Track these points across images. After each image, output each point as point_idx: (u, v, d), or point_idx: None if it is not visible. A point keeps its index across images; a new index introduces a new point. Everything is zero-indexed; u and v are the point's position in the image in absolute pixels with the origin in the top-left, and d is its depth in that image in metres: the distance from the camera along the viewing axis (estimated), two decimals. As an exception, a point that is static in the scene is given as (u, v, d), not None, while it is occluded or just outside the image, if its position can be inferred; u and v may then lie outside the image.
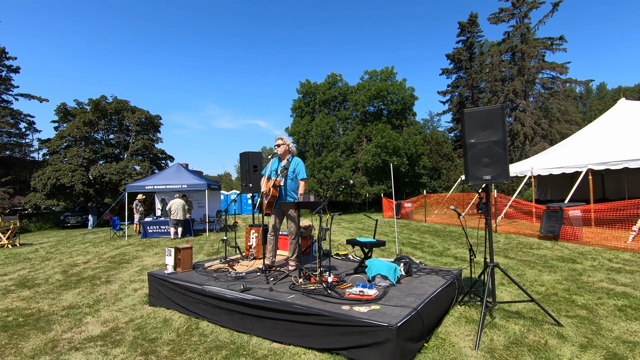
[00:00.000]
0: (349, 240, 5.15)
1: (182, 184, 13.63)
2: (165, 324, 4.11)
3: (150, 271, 5.10)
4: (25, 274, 7.38)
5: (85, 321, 4.32)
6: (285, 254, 5.56)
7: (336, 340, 3.13)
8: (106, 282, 6.35)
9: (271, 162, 5.07)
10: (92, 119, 23.43)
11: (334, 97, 26.62)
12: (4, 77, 23.93)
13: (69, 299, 5.35)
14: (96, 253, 9.91)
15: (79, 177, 21.38)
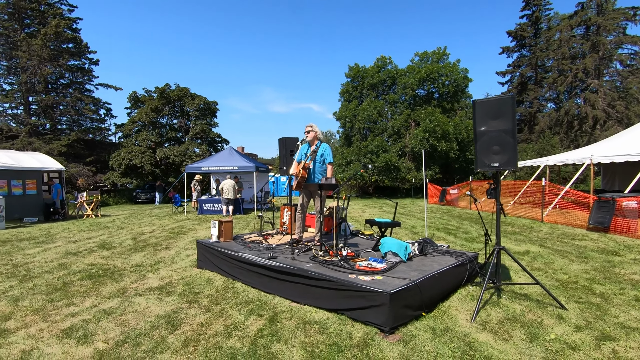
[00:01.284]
0: (368, 220, 5.56)
1: (233, 166, 14.79)
2: (207, 282, 4.93)
3: (200, 240, 5.99)
4: (105, 238, 8.85)
5: (147, 276, 5.31)
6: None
7: (342, 302, 3.64)
8: (165, 248, 7.48)
9: (301, 147, 5.59)
10: (158, 105, 25.82)
11: (383, 80, 26.27)
12: (87, 69, 27.16)
13: (136, 259, 6.47)
14: (160, 225, 11.38)
15: (147, 158, 23.90)
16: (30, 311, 3.94)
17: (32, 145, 21.40)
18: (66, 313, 3.87)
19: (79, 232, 10.00)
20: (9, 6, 23.75)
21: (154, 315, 3.75)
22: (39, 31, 23.31)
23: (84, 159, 24.58)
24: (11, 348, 3.08)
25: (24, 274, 5.54)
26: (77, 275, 5.41)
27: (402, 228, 9.83)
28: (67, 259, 6.51)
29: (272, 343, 3.10)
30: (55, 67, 24.12)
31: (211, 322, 3.56)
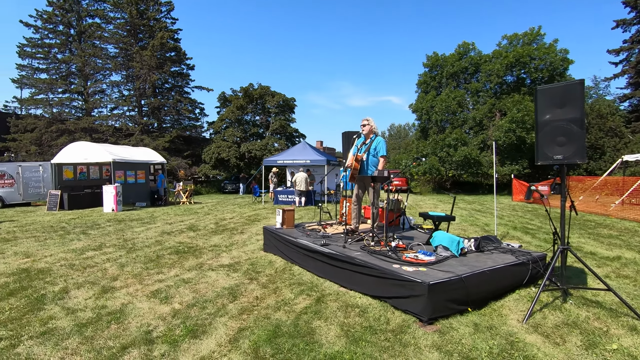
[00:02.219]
0: (422, 213, 5.49)
1: (306, 159, 15.51)
2: (269, 264, 5.45)
3: (265, 226, 6.60)
4: (193, 222, 10.18)
5: (221, 255, 6.07)
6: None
7: (384, 290, 3.77)
8: (240, 232, 8.34)
9: (357, 140, 5.75)
10: (242, 103, 28.13)
11: (464, 68, 24.58)
12: (185, 74, 30.84)
13: (215, 240, 7.38)
14: (239, 213, 12.59)
15: (233, 152, 26.29)
16: (130, 275, 4.90)
17: (143, 142, 25.20)
18: (155, 279, 4.72)
19: (175, 216, 11.65)
20: (126, 24, 28.16)
21: (220, 287, 4.36)
22: (149, 43, 27.17)
23: (183, 153, 28.06)
24: (115, 300, 3.93)
25: (131, 246, 6.79)
26: (168, 250, 6.44)
27: (472, 225, 9.31)
28: (162, 237, 7.74)
29: (314, 319, 3.40)
30: (160, 74, 27.90)
31: (265, 297, 4.01)
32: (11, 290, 4.28)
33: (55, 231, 8.61)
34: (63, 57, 27.69)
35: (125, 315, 3.52)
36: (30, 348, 2.88)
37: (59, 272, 5.07)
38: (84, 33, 28.15)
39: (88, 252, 6.34)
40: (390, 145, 60.81)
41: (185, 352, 2.81)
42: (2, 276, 4.86)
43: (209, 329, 3.22)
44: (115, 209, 13.17)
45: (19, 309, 3.69)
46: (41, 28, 27.17)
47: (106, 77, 28.79)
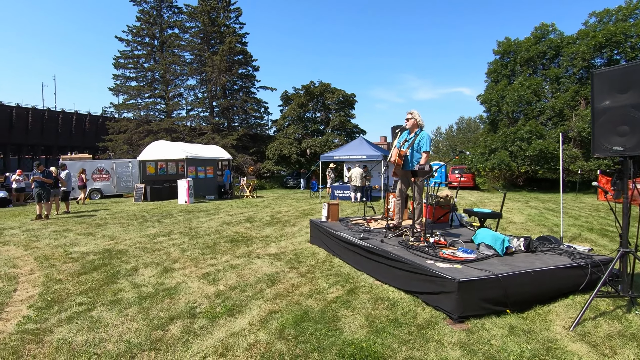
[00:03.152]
0: (466, 209, 5.21)
1: (362, 155, 15.49)
2: (312, 255, 5.67)
3: (312, 219, 6.84)
4: (252, 214, 10.87)
5: (270, 245, 6.46)
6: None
7: (416, 285, 3.72)
8: (292, 225, 8.72)
9: (400, 134, 5.65)
10: (303, 101, 28.92)
11: (542, 53, 22.17)
12: (251, 75, 32.62)
13: (267, 231, 7.84)
14: (295, 207, 13.09)
15: (294, 149, 27.22)
16: (189, 259, 5.49)
17: (214, 140, 27.33)
18: (208, 263, 5.23)
19: (237, 208, 12.54)
20: (200, 32, 30.69)
21: (262, 273, 4.68)
22: (219, 49, 29.28)
23: (249, 150, 29.80)
24: (172, 279, 4.47)
25: (194, 234, 7.54)
26: (224, 239, 7.02)
27: (538, 224, 8.52)
28: (222, 227, 8.44)
29: (341, 308, 3.51)
30: (229, 77, 29.91)
31: (301, 285, 4.22)
32: (95, 266, 5.10)
33: (137, 219, 9.88)
34: (149, 65, 31.17)
35: (177, 292, 3.99)
36: (100, 313, 3.45)
37: (133, 253, 5.87)
38: (165, 43, 31.34)
39: (159, 237, 7.21)
40: (458, 140, 57.38)
41: (220, 328, 3.12)
42: (91, 254, 5.80)
43: (244, 309, 3.52)
44: (187, 201, 14.59)
45: (98, 282, 4.40)
46: (131, 41, 30.89)
47: (183, 82, 31.75)
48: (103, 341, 2.88)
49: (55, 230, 8.18)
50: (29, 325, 3.19)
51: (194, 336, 2.97)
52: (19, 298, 3.87)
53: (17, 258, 5.61)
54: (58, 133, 48.93)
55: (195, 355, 2.67)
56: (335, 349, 2.73)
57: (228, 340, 2.89)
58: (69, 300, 3.79)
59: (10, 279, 4.54)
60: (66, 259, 5.49)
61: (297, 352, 2.70)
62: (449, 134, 63.43)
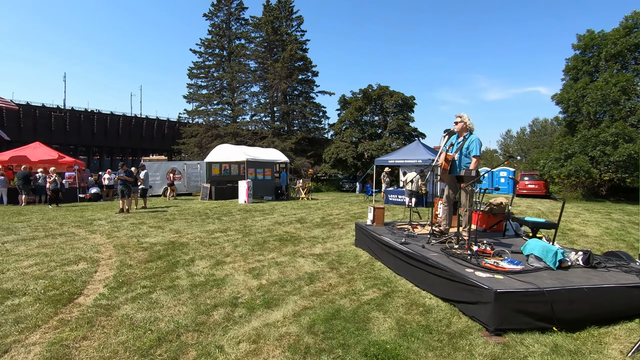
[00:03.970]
0: (516, 218, 4.86)
1: (417, 159, 15.07)
2: (354, 257, 5.74)
3: (357, 222, 6.90)
4: (303, 215, 11.22)
5: (316, 246, 6.66)
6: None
7: (454, 293, 3.62)
8: (340, 227, 8.85)
9: (448, 137, 5.48)
10: (361, 105, 28.92)
11: (634, 45, 19.51)
12: (310, 80, 33.51)
13: (315, 232, 8.06)
14: (347, 210, 13.19)
15: (350, 152, 27.33)
16: (239, 254, 5.91)
17: (274, 143, 28.58)
18: (256, 259, 5.58)
19: (290, 209, 13.02)
20: (264, 41, 32.37)
21: (303, 272, 4.89)
22: (281, 56, 30.60)
23: (307, 153, 30.60)
24: (221, 272, 4.87)
25: (247, 232, 8.05)
26: (274, 237, 7.40)
27: (616, 239, 7.57)
28: (273, 226, 8.87)
29: (373, 310, 3.55)
30: (290, 83, 31.07)
31: (338, 285, 4.34)
32: (160, 255, 5.75)
33: (200, 216, 10.79)
34: (218, 75, 33.66)
35: (224, 283, 4.36)
36: (158, 296, 3.92)
37: (193, 246, 6.48)
38: (232, 53, 33.62)
39: (216, 233, 7.83)
40: (531, 144, 52.59)
41: (257, 318, 3.37)
42: (158, 245, 6.53)
43: (281, 303, 3.73)
44: (246, 201, 15.50)
45: (160, 269, 4.97)
46: (203, 53, 33.66)
47: (248, 89, 33.71)
48: (157, 320, 3.30)
49: (132, 222, 9.30)
50: (103, 301, 3.75)
51: (232, 323, 3.25)
52: (98, 278, 4.55)
53: (100, 245, 6.53)
54: (142, 137, 55.06)
55: (231, 340, 2.93)
56: (360, 347, 2.80)
57: (262, 330, 3.11)
58: (135, 283, 4.35)
59: (93, 262, 5.33)
60: (138, 248, 6.26)
61: (322, 346, 2.83)
62: (520, 138, 58.52)
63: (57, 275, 4.62)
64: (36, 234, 7.51)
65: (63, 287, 4.15)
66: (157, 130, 55.67)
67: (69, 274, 4.68)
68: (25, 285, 4.19)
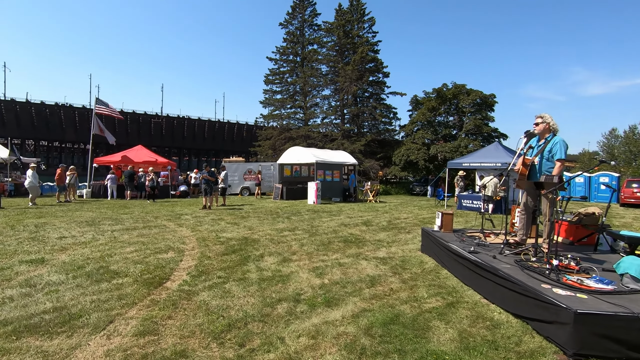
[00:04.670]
0: (610, 231, 4.22)
1: (496, 162, 13.94)
2: (419, 263, 5.58)
3: (423, 227, 6.68)
4: (370, 218, 11.18)
5: (380, 249, 6.62)
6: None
7: (527, 310, 3.34)
8: (407, 232, 8.64)
9: (527, 140, 5.02)
10: (434, 105, 27.71)
11: None
12: (381, 82, 33.12)
13: (381, 236, 8.00)
14: (416, 214, 12.78)
15: (422, 154, 26.33)
16: (305, 253, 6.16)
17: (343, 145, 28.86)
18: (320, 259, 5.77)
19: (357, 212, 13.06)
20: (335, 45, 32.93)
21: (365, 274, 4.92)
22: (351, 59, 30.82)
23: (376, 155, 30.30)
24: (287, 268, 5.15)
25: (314, 232, 8.32)
26: (339, 238, 7.53)
27: None
28: (339, 228, 9.02)
29: (434, 319, 3.45)
30: (360, 85, 31.10)
31: (399, 290, 4.28)
32: (234, 250, 6.27)
33: (271, 214, 11.44)
34: (291, 80, 35.20)
35: (289, 280, 4.61)
36: (230, 286, 4.31)
37: (263, 242, 6.94)
38: (305, 58, 34.85)
39: (285, 232, 8.24)
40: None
41: (317, 315, 3.52)
42: (233, 240, 7.12)
43: (341, 303, 3.83)
44: (315, 202, 15.95)
45: (234, 262, 5.43)
46: (279, 60, 35.48)
47: (319, 93, 34.61)
48: (228, 307, 3.64)
49: (213, 218, 10.26)
50: (185, 287, 4.25)
51: (294, 317, 3.45)
52: (182, 266, 5.16)
53: (186, 237, 7.35)
54: (224, 140, 60.05)
55: (292, 333, 3.11)
56: (417, 355, 2.76)
57: (320, 327, 3.24)
58: (212, 273, 4.83)
59: (179, 252, 6.04)
60: (216, 242, 6.91)
61: (378, 349, 2.85)
62: (629, 137, 50.16)
63: (151, 261, 5.35)
64: (136, 225, 8.73)
65: (155, 272, 4.80)
66: (237, 134, 60.22)
67: (160, 261, 5.38)
68: (127, 268, 4.94)
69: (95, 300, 3.75)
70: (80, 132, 46.72)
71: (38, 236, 7.02)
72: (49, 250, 5.91)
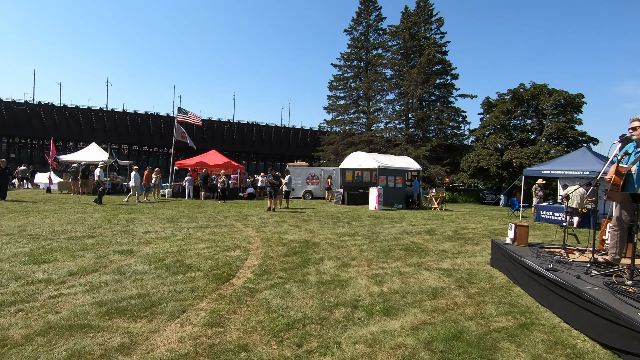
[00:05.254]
0: None
1: (583, 170, 12.40)
2: (488, 278, 5.19)
3: (493, 239, 6.20)
4: (434, 227, 10.68)
5: (444, 260, 6.30)
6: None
7: (618, 340, 2.92)
8: (475, 243, 8.09)
9: (623, 146, 4.38)
10: (509, 107, 25.59)
11: None
12: (449, 84, 31.56)
13: (445, 246, 7.60)
14: (485, 225, 11.90)
15: (494, 160, 24.46)
16: (364, 259, 6.11)
17: (407, 151, 28.04)
18: (380, 266, 5.67)
19: (421, 219, 12.58)
20: (401, 49, 32.26)
21: (427, 285, 4.72)
22: (417, 62, 29.91)
23: (442, 161, 28.90)
24: (346, 273, 5.16)
25: (374, 238, 8.21)
26: (400, 246, 7.33)
27: None
28: (401, 235, 8.77)
29: (504, 340, 3.18)
30: (426, 88, 30.01)
31: (464, 305, 4.03)
32: (295, 252, 6.46)
33: (332, 219, 11.55)
34: (355, 85, 35.28)
35: (347, 285, 4.61)
36: (291, 287, 4.45)
37: (323, 246, 7.04)
38: (369, 63, 34.72)
39: (345, 236, 8.26)
40: None
41: (375, 323, 3.46)
42: (294, 242, 7.33)
43: (400, 313, 3.72)
44: (376, 208, 15.73)
45: (294, 264, 5.60)
46: (343, 66, 35.86)
47: (383, 97, 34.16)
48: (288, 307, 3.76)
49: (276, 220, 10.68)
50: (249, 284, 4.49)
51: (351, 323, 3.44)
52: (247, 265, 5.46)
53: (251, 237, 7.77)
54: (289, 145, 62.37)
55: (349, 339, 3.11)
56: (482, 376, 2.57)
57: (378, 335, 3.19)
58: (274, 273, 5.04)
59: (245, 251, 6.40)
60: (279, 243, 7.19)
61: (439, 365, 2.72)
62: None
63: (220, 258, 5.75)
64: (208, 224, 9.46)
65: (223, 268, 5.15)
66: (301, 139, 62.11)
67: (228, 258, 5.76)
68: (199, 263, 5.37)
69: (172, 290, 4.14)
70: (165, 138, 52.09)
71: (128, 230, 7.98)
72: (136, 242, 6.68)
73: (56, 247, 5.99)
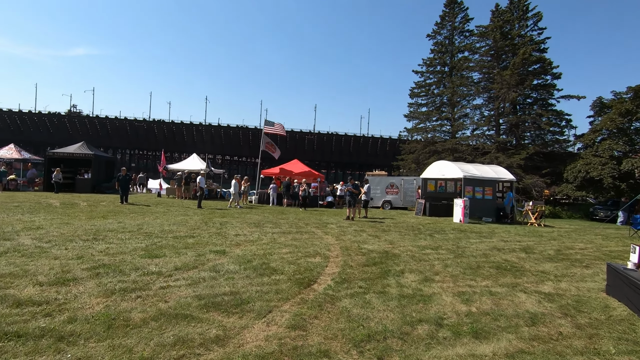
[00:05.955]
0: None
1: None
2: (603, 308, 4.44)
3: (610, 262, 5.29)
4: (532, 244, 9.53)
5: (544, 282, 5.58)
6: None
7: None
8: (584, 266, 7.00)
9: None
10: (629, 108, 21.77)
11: None
12: (549, 84, 28.13)
13: (546, 267, 6.73)
14: (598, 245, 10.20)
15: (608, 170, 20.97)
16: (449, 275, 5.74)
17: (498, 159, 25.66)
18: (466, 284, 5.27)
19: (514, 235, 11.35)
20: (490, 50, 29.90)
21: (524, 309, 4.23)
22: (510, 62, 27.37)
23: (540, 171, 25.74)
24: (429, 288, 4.91)
25: (460, 253, 7.67)
26: (490, 264, 6.71)
27: None
28: (491, 252, 8.04)
29: (627, 384, 2.68)
30: (521, 91, 27.22)
31: (572, 337, 3.51)
32: (374, 262, 6.38)
33: (413, 230, 11.12)
34: (438, 91, 33.77)
35: (431, 301, 4.38)
36: (371, 297, 4.40)
37: (404, 258, 6.81)
38: (454, 68, 32.92)
39: (427, 249, 7.88)
40: None
41: (462, 345, 3.23)
42: (374, 252, 7.25)
43: (492, 337, 3.40)
44: (462, 220, 14.68)
45: (374, 274, 5.53)
46: (425, 72, 34.66)
47: (470, 102, 31.98)
48: (368, 318, 3.73)
49: (355, 229, 10.70)
50: (329, 291, 4.57)
51: (436, 342, 3.26)
52: (327, 272, 5.57)
53: (331, 245, 7.91)
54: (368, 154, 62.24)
55: (433, 358, 2.95)
56: (597, 423, 2.20)
57: (466, 359, 2.96)
58: (354, 282, 5.04)
59: (325, 257, 6.54)
60: (358, 252, 7.18)
61: (540, 402, 2.40)
62: None
63: (302, 263, 5.97)
64: (291, 230, 9.91)
65: (305, 273, 5.34)
66: (380, 148, 61.50)
67: (309, 264, 5.95)
68: (282, 267, 5.66)
69: (259, 290, 4.43)
70: (252, 148, 56.43)
71: (221, 232, 8.79)
72: (228, 244, 7.32)
73: (165, 244, 6.90)
